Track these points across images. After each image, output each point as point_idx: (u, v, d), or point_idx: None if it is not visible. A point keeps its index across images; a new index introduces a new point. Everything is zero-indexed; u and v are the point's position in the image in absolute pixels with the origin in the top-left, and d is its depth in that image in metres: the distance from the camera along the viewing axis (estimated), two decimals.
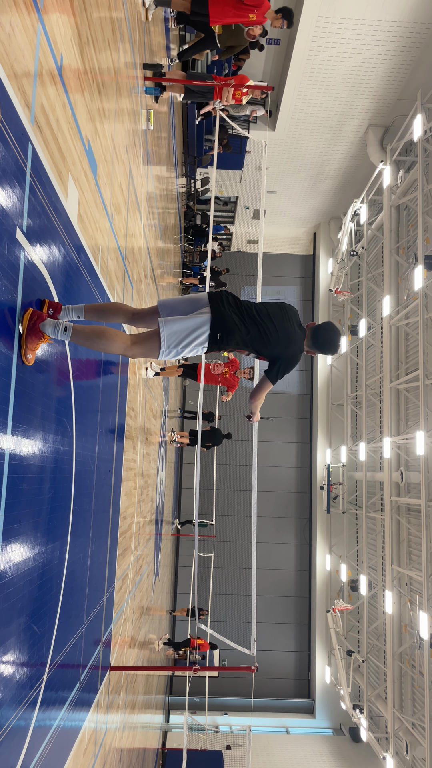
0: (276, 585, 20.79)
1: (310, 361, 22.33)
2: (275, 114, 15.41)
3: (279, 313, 3.09)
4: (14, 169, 2.09)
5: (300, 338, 3.14)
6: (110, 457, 4.76)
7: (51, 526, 2.78)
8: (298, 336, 3.13)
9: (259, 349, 3.04)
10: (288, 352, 3.07)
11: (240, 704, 19.09)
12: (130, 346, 2.71)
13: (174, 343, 2.74)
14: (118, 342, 2.65)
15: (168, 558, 16.20)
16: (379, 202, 17.80)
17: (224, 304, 2.88)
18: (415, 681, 13.77)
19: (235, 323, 2.86)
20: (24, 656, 2.43)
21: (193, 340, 2.78)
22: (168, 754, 15.45)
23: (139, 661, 7.76)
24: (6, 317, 2.10)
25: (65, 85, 2.79)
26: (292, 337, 3.07)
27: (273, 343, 3.00)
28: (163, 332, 2.72)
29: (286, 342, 3.04)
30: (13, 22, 2.05)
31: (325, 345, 3.21)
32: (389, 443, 14.74)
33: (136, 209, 5.79)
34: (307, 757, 17.77)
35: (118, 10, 4.25)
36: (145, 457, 7.86)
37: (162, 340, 2.72)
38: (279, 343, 3.02)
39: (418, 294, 12.88)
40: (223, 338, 2.84)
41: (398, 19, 11.94)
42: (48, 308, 2.52)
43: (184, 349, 2.80)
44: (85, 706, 3.91)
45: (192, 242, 16.51)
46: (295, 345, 3.11)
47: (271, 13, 6.36)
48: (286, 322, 3.07)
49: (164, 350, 2.75)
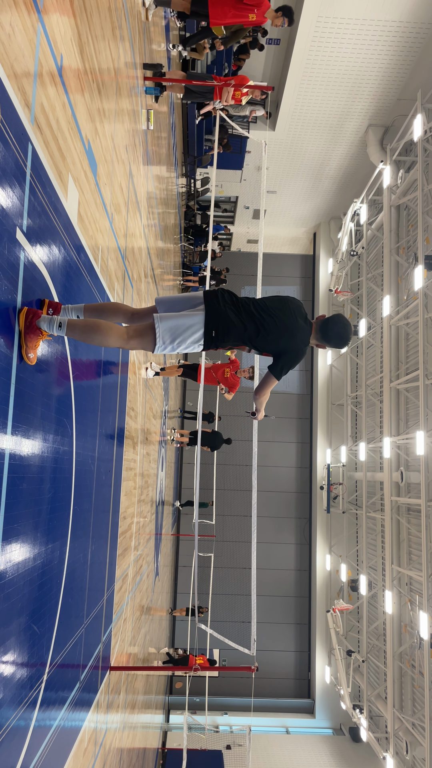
0: (276, 585, 20.80)
1: (310, 361, 22.33)
2: (275, 114, 15.41)
3: (280, 306, 3.02)
4: (14, 169, 2.09)
5: (304, 331, 3.05)
6: (110, 457, 4.76)
7: (51, 526, 2.78)
8: (302, 329, 3.03)
9: (259, 345, 2.98)
10: (291, 346, 2.99)
11: (240, 704, 19.09)
12: (126, 339, 2.70)
13: (169, 339, 2.73)
14: (113, 335, 2.65)
15: (168, 558, 16.21)
16: (379, 202, 17.80)
17: (219, 301, 2.85)
18: (415, 681, 13.77)
19: (230, 320, 2.82)
20: (24, 656, 2.43)
21: (188, 337, 2.76)
22: (168, 754, 15.45)
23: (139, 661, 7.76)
24: (5, 317, 2.10)
25: (65, 85, 2.79)
26: (293, 331, 2.98)
27: (274, 337, 2.93)
28: (158, 327, 2.71)
29: (288, 336, 2.96)
30: (13, 22, 2.05)
31: (336, 338, 3.09)
32: (389, 443, 14.74)
33: (136, 209, 5.79)
34: (307, 757, 17.77)
35: (118, 11, 4.25)
36: (145, 457, 7.86)
37: (157, 335, 2.72)
38: (281, 338, 2.95)
39: (418, 294, 12.88)
40: (219, 335, 2.81)
41: (398, 19, 11.95)
42: (48, 308, 2.52)
43: (179, 345, 2.77)
44: (85, 706, 3.91)
45: (192, 242, 16.51)
46: (298, 338, 3.01)
47: (271, 13, 6.36)
48: (288, 315, 2.99)
49: (159, 345, 2.73)
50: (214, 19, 6.30)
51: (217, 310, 2.81)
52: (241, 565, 20.46)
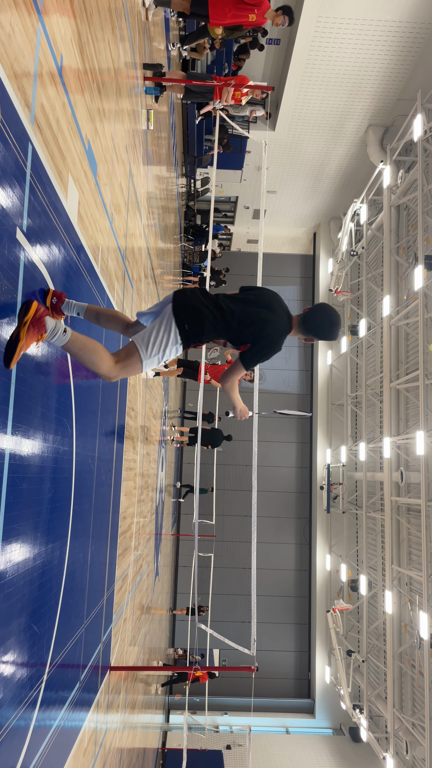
0: (276, 585, 20.80)
1: (310, 361, 22.34)
2: (275, 114, 15.42)
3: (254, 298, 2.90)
4: (14, 169, 2.09)
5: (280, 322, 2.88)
6: (110, 457, 4.76)
7: (51, 526, 2.78)
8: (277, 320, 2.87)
9: (231, 336, 2.86)
10: (263, 334, 2.81)
11: (240, 704, 19.09)
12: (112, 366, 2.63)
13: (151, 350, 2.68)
14: (105, 362, 2.59)
15: (168, 558, 16.21)
16: (379, 202, 17.80)
17: (186, 295, 2.78)
18: (415, 681, 13.77)
19: (198, 309, 2.73)
20: (24, 656, 2.43)
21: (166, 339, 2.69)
22: (168, 754, 15.45)
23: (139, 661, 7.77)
24: (5, 317, 2.10)
25: (65, 85, 2.79)
26: (266, 320, 2.82)
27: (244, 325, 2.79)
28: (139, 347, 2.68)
29: (260, 324, 2.80)
30: (13, 22, 2.05)
31: (317, 328, 2.92)
32: (389, 443, 14.74)
33: (136, 209, 5.79)
34: (307, 757, 17.77)
35: (118, 11, 4.25)
36: (145, 457, 7.86)
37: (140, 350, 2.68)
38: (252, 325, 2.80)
39: (418, 294, 12.88)
40: (192, 328, 2.73)
41: (398, 19, 11.95)
42: (52, 297, 2.51)
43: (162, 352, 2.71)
44: (85, 706, 3.91)
45: (192, 242, 16.52)
46: (270, 328, 2.83)
47: (271, 13, 6.35)
48: (261, 304, 2.86)
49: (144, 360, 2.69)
50: (213, 20, 6.29)
51: (183, 303, 2.74)
52: (241, 565, 20.47)
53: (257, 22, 6.29)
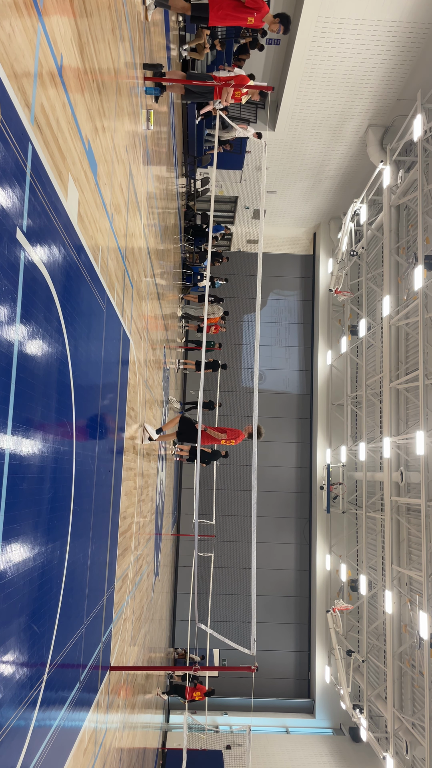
0: (276, 585, 20.80)
1: (310, 361, 22.35)
2: (275, 114, 15.42)
3: None
4: (14, 169, 2.10)
5: None
6: (110, 457, 4.76)
7: (51, 526, 2.78)
8: None
9: None
10: None
11: (240, 704, 19.09)
12: None
13: None
14: None
15: (168, 558, 16.20)
16: (379, 202, 17.81)
17: None
18: (415, 681, 13.77)
19: None
20: (24, 656, 2.43)
21: None
22: (168, 754, 15.45)
23: (139, 661, 7.76)
24: (5, 315, 2.10)
25: (65, 85, 2.79)
26: None
27: None
28: None
29: None
30: (13, 23, 2.05)
31: None
32: (389, 443, 14.74)
33: (136, 209, 5.79)
34: (307, 757, 17.77)
35: (118, 11, 4.25)
36: (145, 457, 7.86)
37: None
38: None
39: (418, 294, 12.89)
40: None
41: (398, 19, 11.95)
42: None
43: None
44: (85, 705, 3.91)
45: (192, 242, 16.52)
46: None
47: (269, 18, 6.38)
48: None
49: None
50: (213, 21, 6.32)
51: None
52: (241, 565, 20.47)
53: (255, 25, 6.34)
